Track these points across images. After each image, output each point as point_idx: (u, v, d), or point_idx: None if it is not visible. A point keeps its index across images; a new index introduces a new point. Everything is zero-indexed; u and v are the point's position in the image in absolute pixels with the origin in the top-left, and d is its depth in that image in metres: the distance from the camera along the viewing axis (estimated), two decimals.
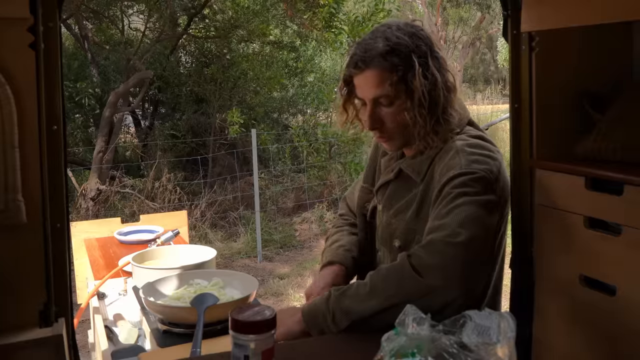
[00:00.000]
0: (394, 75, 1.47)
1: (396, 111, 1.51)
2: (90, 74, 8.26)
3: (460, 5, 18.71)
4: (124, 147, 9.13)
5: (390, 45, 1.48)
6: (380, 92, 1.50)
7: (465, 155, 1.47)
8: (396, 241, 1.59)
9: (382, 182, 1.67)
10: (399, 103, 1.50)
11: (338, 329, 1.39)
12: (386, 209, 1.64)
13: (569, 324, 1.45)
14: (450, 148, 1.51)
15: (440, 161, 1.52)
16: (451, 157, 1.49)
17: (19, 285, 1.24)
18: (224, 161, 8.32)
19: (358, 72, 1.51)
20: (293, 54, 9.22)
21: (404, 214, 1.58)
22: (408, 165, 1.60)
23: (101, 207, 6.90)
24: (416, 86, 1.46)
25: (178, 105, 8.61)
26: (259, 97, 8.80)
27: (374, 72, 1.49)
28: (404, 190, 1.60)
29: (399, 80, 1.47)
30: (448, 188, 1.43)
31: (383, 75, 1.48)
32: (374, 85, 1.50)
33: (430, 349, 0.90)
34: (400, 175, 1.62)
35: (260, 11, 8.18)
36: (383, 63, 1.47)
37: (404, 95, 1.49)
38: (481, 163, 1.46)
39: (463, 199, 1.39)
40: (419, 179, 1.56)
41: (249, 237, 6.84)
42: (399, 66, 1.47)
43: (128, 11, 8.64)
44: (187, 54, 9.19)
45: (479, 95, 16.80)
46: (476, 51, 21.89)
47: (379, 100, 1.52)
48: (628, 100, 1.48)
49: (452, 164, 1.46)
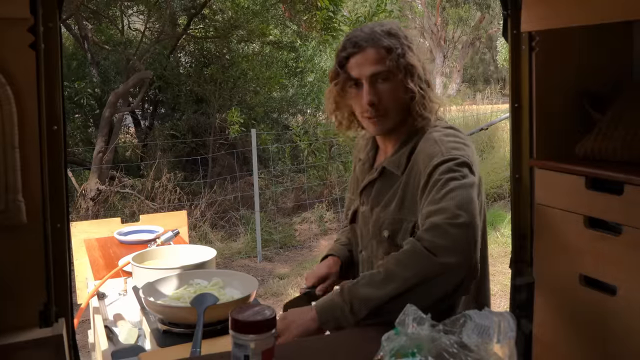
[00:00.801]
0: (393, 52, 1.58)
1: (393, 87, 1.60)
2: (90, 74, 8.26)
3: (460, 5, 18.71)
4: (124, 147, 9.12)
5: (385, 30, 1.61)
6: (379, 68, 1.58)
7: (444, 144, 1.54)
8: (385, 232, 1.65)
9: (366, 183, 1.74)
10: (396, 80, 1.59)
11: (357, 320, 1.38)
12: (375, 206, 1.70)
13: (569, 324, 1.45)
14: (427, 139, 1.60)
15: (419, 153, 1.60)
16: (430, 146, 1.56)
17: (19, 285, 1.24)
18: (224, 161, 8.31)
19: (357, 50, 1.59)
20: (293, 54, 9.22)
21: (390, 205, 1.65)
22: (389, 163, 1.67)
23: (101, 207, 6.91)
24: (414, 62, 1.59)
25: (178, 105, 8.61)
26: (259, 97, 8.80)
27: (374, 49, 1.58)
28: (388, 186, 1.68)
29: (398, 57, 1.58)
30: (436, 175, 1.47)
31: (382, 52, 1.58)
32: (374, 62, 1.58)
33: (430, 348, 0.90)
34: (384, 172, 1.69)
35: (260, 11, 8.19)
36: (383, 41, 1.58)
37: (402, 71, 1.59)
38: (459, 149, 1.53)
39: (453, 183, 1.43)
40: (399, 172, 1.64)
41: (248, 237, 6.84)
42: (396, 45, 1.59)
43: (128, 11, 8.65)
44: (187, 54, 9.19)
45: (478, 95, 16.80)
46: (476, 51, 21.90)
47: (377, 77, 1.59)
48: (628, 100, 1.49)
49: (433, 152, 1.53)
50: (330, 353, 1.31)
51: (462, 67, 20.25)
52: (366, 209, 1.74)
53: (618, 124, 1.45)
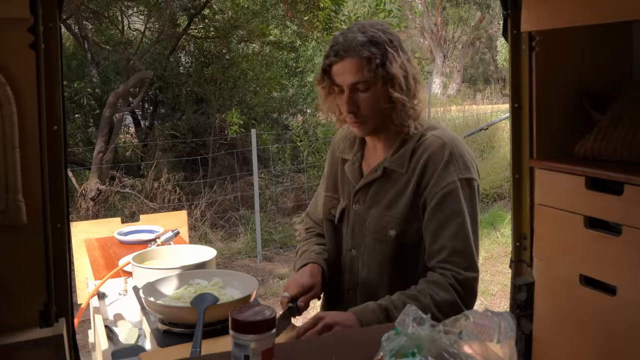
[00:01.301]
0: (372, 63, 1.60)
1: (372, 96, 1.63)
2: (90, 74, 8.26)
3: (460, 4, 18.71)
4: (124, 147, 9.12)
5: (367, 37, 1.61)
6: (358, 78, 1.61)
7: (458, 157, 1.65)
8: (392, 231, 1.68)
9: (363, 184, 1.75)
10: (375, 89, 1.63)
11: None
12: (375, 205, 1.72)
13: (569, 323, 1.45)
14: (435, 142, 1.66)
15: (427, 155, 1.65)
16: (443, 154, 1.64)
17: (20, 285, 1.24)
18: (224, 161, 8.31)
19: (338, 60, 1.62)
20: (293, 54, 9.22)
21: (397, 204, 1.68)
22: (391, 163, 1.70)
23: (101, 207, 6.91)
24: (395, 73, 1.61)
25: (178, 106, 8.61)
26: (259, 97, 8.80)
27: (353, 60, 1.61)
28: (390, 185, 1.71)
29: (377, 67, 1.59)
30: (453, 203, 1.62)
31: (361, 63, 1.60)
32: (353, 72, 1.61)
33: (430, 348, 0.90)
34: (385, 172, 1.71)
35: (260, 11, 8.19)
36: (362, 51, 1.60)
37: (381, 81, 1.61)
38: (471, 165, 1.68)
39: (472, 221, 1.64)
40: (403, 170, 1.68)
41: (248, 237, 6.83)
42: (376, 55, 1.60)
43: (128, 11, 8.64)
44: (187, 54, 9.19)
45: (478, 95, 16.82)
46: (476, 51, 21.89)
47: (357, 86, 1.63)
48: (628, 100, 1.48)
49: (449, 166, 1.63)
50: (330, 353, 1.31)
51: (462, 67, 20.25)
52: (360, 208, 1.75)
53: (618, 124, 1.45)
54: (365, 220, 1.74)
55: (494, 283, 5.44)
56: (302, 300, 1.69)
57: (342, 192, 1.83)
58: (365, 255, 1.74)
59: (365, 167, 1.79)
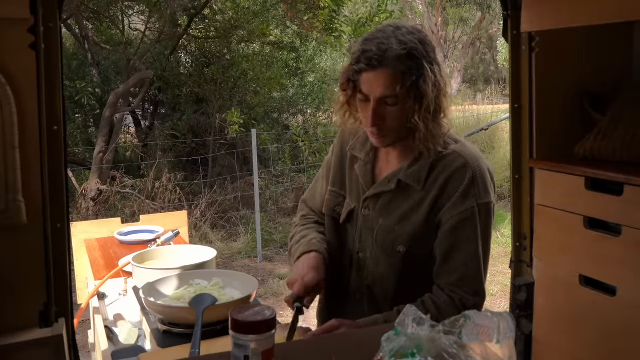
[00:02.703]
0: (407, 79, 1.52)
1: (400, 112, 1.56)
2: (90, 74, 8.26)
3: (461, 5, 18.69)
4: (124, 147, 9.12)
5: (407, 49, 1.52)
6: (389, 92, 1.53)
7: (480, 179, 1.61)
8: (400, 247, 1.63)
9: (374, 193, 1.69)
10: (404, 105, 1.55)
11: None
12: (384, 216, 1.67)
13: (569, 324, 1.45)
14: (457, 160, 1.62)
15: (448, 174, 1.60)
16: (468, 182, 1.60)
17: (19, 285, 1.24)
18: (224, 161, 8.31)
19: (370, 69, 1.53)
20: (293, 54, 9.22)
21: (409, 220, 1.63)
22: (407, 176, 1.64)
23: (101, 207, 6.90)
24: (427, 92, 1.53)
25: (178, 106, 8.61)
26: (259, 97, 8.80)
27: (388, 72, 1.52)
28: (403, 199, 1.65)
29: (411, 84, 1.52)
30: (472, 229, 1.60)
31: (396, 77, 1.52)
32: (385, 85, 1.53)
33: (430, 349, 0.90)
34: (399, 185, 1.65)
35: (261, 12, 8.19)
36: (399, 65, 1.51)
37: (412, 99, 1.54)
38: (489, 190, 1.63)
39: (485, 248, 1.64)
40: (419, 187, 1.62)
41: (249, 237, 6.83)
42: (412, 70, 1.52)
43: (128, 11, 8.64)
44: (188, 54, 9.19)
45: (479, 95, 16.79)
46: (476, 51, 21.89)
47: (385, 100, 1.55)
48: (628, 100, 1.48)
49: (470, 194, 1.60)
50: (330, 353, 1.31)
51: (462, 67, 20.24)
52: (369, 214, 1.70)
53: (618, 124, 1.45)
54: (373, 229, 1.68)
55: (494, 283, 5.44)
56: (309, 302, 1.64)
57: (350, 192, 1.76)
58: (371, 262, 1.70)
59: (377, 172, 1.72)
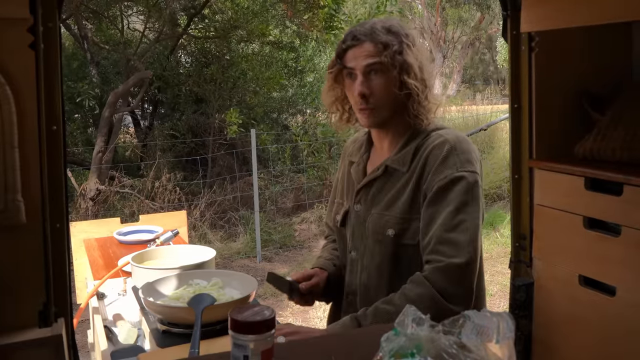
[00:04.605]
0: (390, 49, 1.58)
1: (387, 82, 1.60)
2: (89, 74, 8.26)
3: (460, 5, 18.70)
4: (124, 147, 9.12)
5: (386, 26, 1.61)
6: (374, 60, 1.58)
7: (460, 154, 1.57)
8: (390, 230, 1.64)
9: (365, 182, 1.72)
10: (390, 75, 1.59)
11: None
12: (373, 205, 1.69)
13: (569, 324, 1.45)
14: (438, 139, 1.61)
15: (430, 152, 1.60)
16: (445, 149, 1.57)
17: (19, 285, 1.24)
18: (224, 161, 8.31)
19: (356, 43, 1.60)
20: (292, 54, 9.21)
21: (396, 203, 1.64)
22: (393, 161, 1.67)
23: (101, 207, 6.90)
24: (411, 61, 1.58)
25: (177, 106, 8.60)
26: (259, 97, 8.80)
27: (371, 43, 1.59)
28: (391, 184, 1.67)
29: (394, 53, 1.58)
30: (452, 194, 1.53)
31: (379, 47, 1.58)
32: (370, 55, 1.59)
33: (430, 349, 0.90)
34: (386, 171, 1.68)
35: (260, 11, 8.19)
36: (381, 37, 1.59)
37: (397, 68, 1.58)
38: (472, 162, 1.58)
39: (467, 212, 1.52)
40: (405, 169, 1.64)
41: (248, 237, 6.83)
42: (394, 42, 1.59)
43: (128, 11, 8.64)
44: (187, 54, 9.18)
45: (478, 95, 16.79)
46: (475, 51, 21.89)
47: (371, 69, 1.59)
48: (628, 100, 1.48)
49: (448, 160, 1.56)
50: (329, 353, 1.31)
51: (461, 68, 20.24)
52: (361, 209, 1.72)
53: (618, 124, 1.45)
54: (365, 221, 1.70)
55: (493, 283, 5.44)
56: (305, 286, 1.71)
57: (346, 195, 1.80)
58: (365, 257, 1.70)
59: (369, 167, 1.76)
